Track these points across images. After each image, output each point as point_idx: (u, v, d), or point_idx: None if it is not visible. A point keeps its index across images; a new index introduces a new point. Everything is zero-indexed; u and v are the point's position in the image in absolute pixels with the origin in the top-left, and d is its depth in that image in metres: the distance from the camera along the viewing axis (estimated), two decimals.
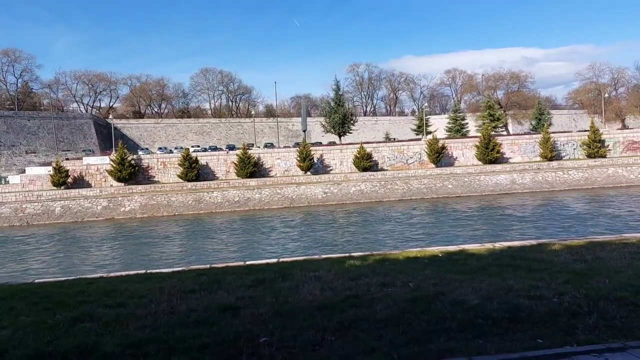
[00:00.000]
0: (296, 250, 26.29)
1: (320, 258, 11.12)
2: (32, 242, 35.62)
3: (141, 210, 47.81)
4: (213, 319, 6.44)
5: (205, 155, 61.11)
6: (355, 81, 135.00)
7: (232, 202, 49.52)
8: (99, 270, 22.89)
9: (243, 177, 56.63)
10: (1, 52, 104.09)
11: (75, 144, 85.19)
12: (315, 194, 50.90)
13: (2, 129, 78.70)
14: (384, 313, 6.41)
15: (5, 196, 50.34)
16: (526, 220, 33.75)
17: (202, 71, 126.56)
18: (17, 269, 26.11)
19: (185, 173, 56.08)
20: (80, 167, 56.72)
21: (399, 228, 32.94)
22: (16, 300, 7.90)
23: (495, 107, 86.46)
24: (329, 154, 61.28)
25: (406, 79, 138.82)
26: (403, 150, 61.38)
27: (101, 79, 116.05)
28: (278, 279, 8.67)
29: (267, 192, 50.98)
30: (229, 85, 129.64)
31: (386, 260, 10.11)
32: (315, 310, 6.65)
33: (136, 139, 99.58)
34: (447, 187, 52.03)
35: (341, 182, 52.97)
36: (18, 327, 6.40)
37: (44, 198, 49.62)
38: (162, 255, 28.21)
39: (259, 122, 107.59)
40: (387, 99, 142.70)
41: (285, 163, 60.15)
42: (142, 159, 58.99)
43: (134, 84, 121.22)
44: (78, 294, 8.18)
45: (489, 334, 5.68)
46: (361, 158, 58.36)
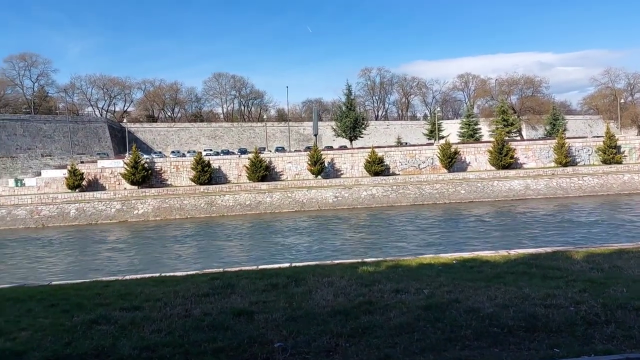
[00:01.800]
0: (308, 255, 26.28)
1: (333, 263, 11.12)
2: (47, 244, 36.06)
3: (154, 213, 48.18)
4: (227, 323, 6.48)
5: (217, 159, 61.45)
6: (366, 85, 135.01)
7: (244, 206, 49.72)
8: (113, 272, 23.10)
9: (254, 180, 56.83)
10: (18, 57, 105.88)
11: (90, 148, 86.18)
12: (326, 198, 50.90)
13: (19, 132, 79.93)
14: (398, 320, 6.39)
15: (22, 198, 51.06)
16: (541, 226, 33.40)
17: (214, 76, 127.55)
18: (33, 271, 26.43)
19: (198, 176, 56.43)
20: (94, 170, 57.36)
21: (411, 233, 32.80)
22: (34, 302, 8.02)
23: (509, 112, 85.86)
24: (340, 158, 61.26)
25: (418, 83, 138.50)
26: (415, 155, 61.16)
27: (116, 83, 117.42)
28: (291, 284, 8.69)
29: (278, 196, 51.10)
30: (241, 90, 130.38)
31: (399, 266, 10.09)
32: (329, 316, 6.66)
33: (149, 143, 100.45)
34: (459, 193, 51.74)
35: (352, 187, 52.93)
36: (36, 329, 6.50)
37: (59, 200, 50.23)
38: (175, 258, 28.39)
39: (270, 126, 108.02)
40: (399, 103, 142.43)
41: (296, 167, 60.24)
42: (155, 163, 59.48)
43: (147, 89, 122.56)
44: (94, 297, 8.27)
45: (505, 343, 5.64)
46: (372, 162, 58.23)
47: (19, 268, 27.56)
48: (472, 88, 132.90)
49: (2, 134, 78.25)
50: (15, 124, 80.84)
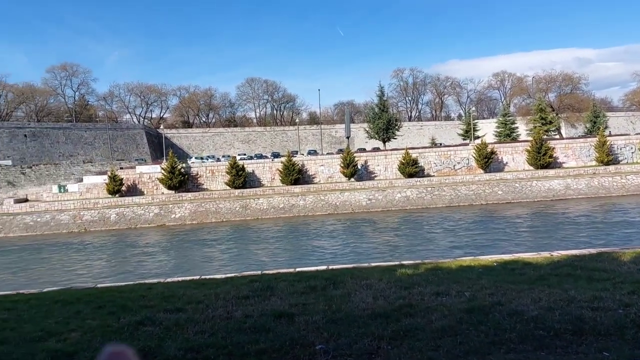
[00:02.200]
0: (343, 258, 26.27)
1: (370, 266, 11.09)
2: (90, 247, 37.23)
3: (190, 217, 49.06)
4: (268, 325, 6.55)
5: (251, 163, 62.16)
6: (399, 86, 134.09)
7: (277, 209, 50.07)
8: (155, 275, 23.66)
9: (287, 184, 57.21)
10: (60, 67, 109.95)
11: (128, 154, 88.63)
12: (360, 200, 50.73)
13: (62, 140, 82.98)
14: (440, 323, 6.32)
15: (65, 204, 52.92)
16: (583, 227, 32.39)
17: (247, 81, 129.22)
18: (78, 274, 27.34)
19: (233, 180, 57.24)
20: (133, 175, 58.93)
21: (448, 235, 32.34)
22: (82, 305, 8.30)
23: (547, 110, 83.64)
24: (373, 160, 61.00)
25: (452, 83, 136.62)
26: (450, 156, 60.32)
27: (152, 90, 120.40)
28: (329, 286, 8.71)
29: (311, 199, 51.24)
30: (274, 94, 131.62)
31: (439, 269, 9.98)
32: (369, 318, 6.65)
33: (185, 148, 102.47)
34: (496, 193, 50.71)
35: (386, 189, 52.58)
36: (85, 330, 6.73)
37: (100, 205, 51.82)
38: (213, 261, 28.83)
39: (302, 130, 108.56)
40: (432, 103, 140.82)
41: (329, 170, 60.32)
42: (191, 167, 60.64)
43: (182, 95, 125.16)
44: (139, 299, 8.50)
45: (551, 346, 5.51)
46: (406, 164, 57.73)
47: (65, 271, 28.52)
48: (508, 86, 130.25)
49: (46, 142, 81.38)
50: (58, 132, 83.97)
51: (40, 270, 29.15)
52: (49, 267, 30.03)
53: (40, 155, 78.27)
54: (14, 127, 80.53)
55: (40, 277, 26.72)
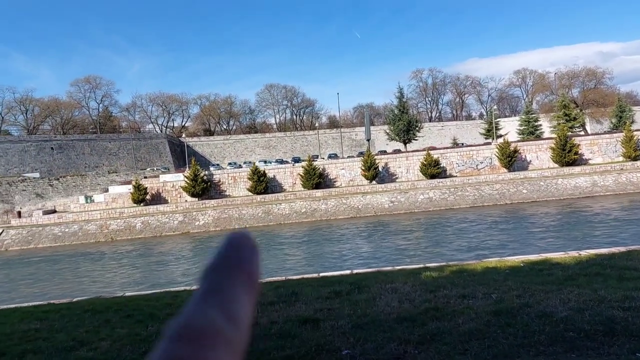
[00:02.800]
0: (367, 261, 26.18)
1: (395, 269, 11.03)
2: (117, 256, 37.87)
3: (214, 223, 49.51)
4: (294, 331, 6.56)
5: (272, 169, 62.50)
6: (419, 87, 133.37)
7: (299, 213, 50.17)
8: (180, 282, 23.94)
9: (309, 188, 57.33)
10: (84, 80, 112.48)
11: (152, 163, 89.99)
12: (382, 203, 50.50)
13: (87, 152, 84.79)
14: (467, 326, 6.26)
15: (92, 214, 54.00)
16: (612, 225, 31.63)
17: (266, 87, 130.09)
18: (106, 282, 27.83)
19: (254, 186, 57.64)
20: (157, 184, 59.80)
21: (473, 236, 31.94)
22: (111, 313, 8.45)
23: (571, 107, 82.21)
24: (394, 162, 60.71)
25: (472, 82, 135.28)
26: (472, 155, 59.67)
27: (173, 100, 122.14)
28: (354, 290, 8.69)
29: (332, 203, 51.21)
30: (293, 100, 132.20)
31: (464, 271, 9.87)
32: (395, 322, 6.61)
33: (207, 156, 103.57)
34: (521, 192, 49.91)
35: (408, 191, 52.23)
36: (115, 339, 6.85)
37: (126, 215, 52.70)
38: None
39: (322, 134, 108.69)
40: (452, 103, 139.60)
41: (350, 173, 60.26)
42: (214, 175, 61.24)
43: (203, 103, 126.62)
44: (166, 307, 8.62)
45: (582, 348, 5.40)
46: (428, 165, 57.32)
47: (93, 281, 29.07)
48: (530, 83, 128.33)
49: (72, 154, 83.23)
50: (84, 143, 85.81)
51: (70, 280, 29.77)
52: (79, 277, 30.64)
53: (67, 167, 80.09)
54: (41, 140, 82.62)
55: (70, 287, 27.27)
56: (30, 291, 27.00)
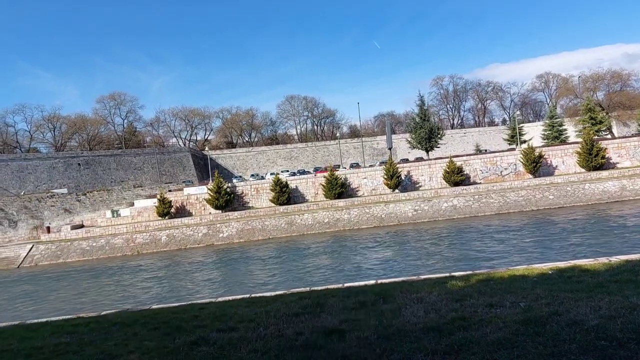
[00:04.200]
0: (392, 271, 25.98)
1: (420, 279, 10.93)
2: (143, 269, 38.38)
3: (238, 235, 49.85)
4: (320, 343, 6.54)
5: (294, 179, 62.74)
6: (439, 94, 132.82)
7: (322, 224, 50.16)
8: (206, 294, 24.16)
9: (331, 198, 57.34)
10: (109, 97, 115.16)
11: (176, 176, 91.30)
12: (405, 212, 50.16)
13: (113, 167, 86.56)
14: (495, 335, 6.15)
15: (118, 228, 54.96)
16: None
17: (287, 98, 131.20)
18: (133, 295, 28.21)
19: (277, 197, 57.94)
20: (181, 197, 60.61)
21: (498, 244, 31.43)
22: (138, 326, 8.56)
23: (596, 110, 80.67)
24: (416, 170, 60.35)
25: (494, 87, 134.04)
26: (496, 162, 58.95)
27: (196, 114, 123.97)
28: (379, 301, 8.64)
29: (355, 212, 51.08)
30: (314, 110, 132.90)
31: (490, 279, 9.72)
32: (422, 333, 6.54)
33: (230, 168, 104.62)
34: (547, 198, 49.01)
35: (432, 199, 51.79)
36: (143, 352, 6.93)
37: (151, 228, 53.47)
38: (262, 278, 29.12)
39: (343, 143, 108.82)
40: (474, 109, 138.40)
41: (372, 182, 60.10)
42: (237, 187, 61.79)
43: (225, 116, 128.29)
44: (192, 319, 8.70)
45: (614, 357, 5.26)
46: (451, 172, 56.83)
47: (121, 293, 29.51)
48: (554, 88, 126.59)
49: (99, 169, 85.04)
50: (109, 159, 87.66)
51: (98, 294, 30.28)
52: (106, 290, 31.14)
53: (94, 182, 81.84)
54: (68, 156, 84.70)
55: (98, 300, 27.75)
56: (59, 305, 27.55)
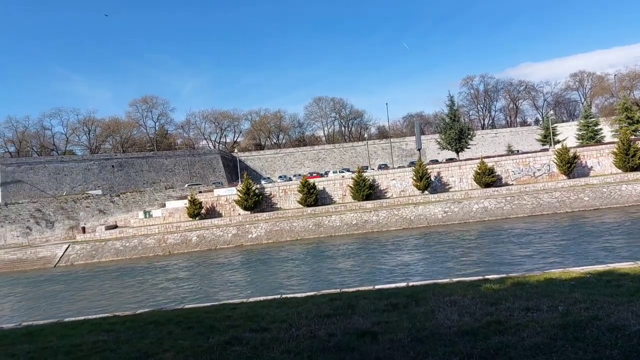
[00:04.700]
0: (423, 273, 25.71)
1: (452, 282, 10.78)
2: (174, 269, 39.02)
3: (266, 236, 50.19)
4: (352, 344, 6.51)
5: (322, 181, 62.78)
6: (470, 94, 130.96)
7: (350, 225, 50.03)
8: (236, 294, 24.39)
9: (359, 199, 57.16)
10: (141, 100, 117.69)
11: (206, 178, 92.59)
12: (435, 213, 49.59)
13: (145, 169, 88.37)
14: (533, 340, 6.01)
15: (150, 229, 56.07)
16: None
17: (315, 100, 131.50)
18: (166, 295, 28.71)
19: (305, 199, 58.11)
20: (211, 198, 61.42)
21: (531, 246, 30.74)
22: (173, 325, 8.70)
23: (633, 109, 78.15)
24: (446, 171, 59.64)
25: (526, 87, 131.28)
26: (529, 163, 57.74)
27: (225, 116, 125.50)
28: (411, 303, 8.55)
29: (384, 214, 50.77)
30: (341, 111, 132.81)
31: (526, 282, 9.51)
32: (456, 336, 6.44)
33: (258, 170, 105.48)
34: (582, 200, 47.70)
35: (462, 200, 51.05)
36: (178, 351, 7.03)
37: (182, 229, 54.37)
38: (291, 279, 29.22)
39: (371, 145, 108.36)
40: (506, 109, 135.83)
41: (401, 183, 59.65)
42: (265, 188, 62.23)
43: (254, 119, 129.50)
44: (225, 319, 8.78)
45: None
46: (482, 173, 55.94)
47: (154, 292, 30.06)
48: (588, 86, 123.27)
49: (131, 171, 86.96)
50: (142, 161, 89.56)
51: (131, 292, 30.91)
52: (139, 289, 31.76)
53: (127, 184, 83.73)
54: (102, 159, 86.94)
55: (133, 299, 28.34)
56: (95, 303, 28.26)
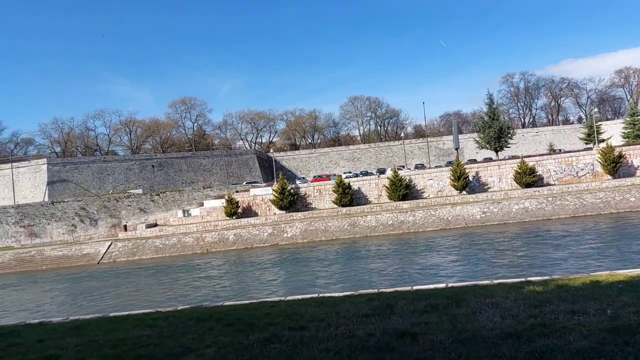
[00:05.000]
0: (462, 274, 25.29)
1: (493, 283, 10.57)
2: (213, 267, 39.71)
3: (301, 235, 50.41)
4: (392, 345, 6.47)
5: (357, 181, 62.62)
6: (510, 92, 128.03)
7: (386, 226, 49.68)
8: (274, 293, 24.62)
9: (395, 200, 56.69)
10: (180, 101, 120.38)
11: (242, 178, 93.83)
12: (473, 214, 48.67)
13: (184, 168, 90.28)
14: (580, 344, 5.82)
15: (189, 227, 57.28)
16: None
17: (350, 99, 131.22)
18: (205, 292, 29.24)
19: (340, 199, 58.07)
20: (247, 198, 62.21)
21: (576, 248, 29.78)
22: (213, 322, 8.86)
23: None
24: (485, 170, 58.48)
25: (569, 84, 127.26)
26: (572, 162, 55.98)
27: (261, 117, 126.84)
28: (451, 305, 8.43)
29: (420, 214, 50.18)
30: (377, 110, 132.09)
31: (570, 285, 9.23)
32: (499, 339, 6.31)
33: (293, 169, 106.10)
34: (628, 200, 45.86)
35: (501, 200, 49.93)
36: (219, 347, 7.16)
37: (220, 227, 55.29)
38: (328, 278, 29.26)
39: (408, 144, 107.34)
40: (547, 107, 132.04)
41: (438, 183, 58.85)
42: (300, 188, 62.54)
43: (289, 119, 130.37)
44: (264, 317, 8.89)
45: None
46: (523, 173, 54.59)
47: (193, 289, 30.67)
48: (634, 83, 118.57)
49: (171, 171, 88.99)
50: (181, 161, 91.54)
51: (173, 288, 31.62)
52: (180, 286, 32.47)
53: (166, 183, 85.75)
54: (143, 158, 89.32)
55: (172, 295, 28.98)
56: (139, 298, 29.06)
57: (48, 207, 66.63)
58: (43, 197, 75.17)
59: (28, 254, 55.15)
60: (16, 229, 64.79)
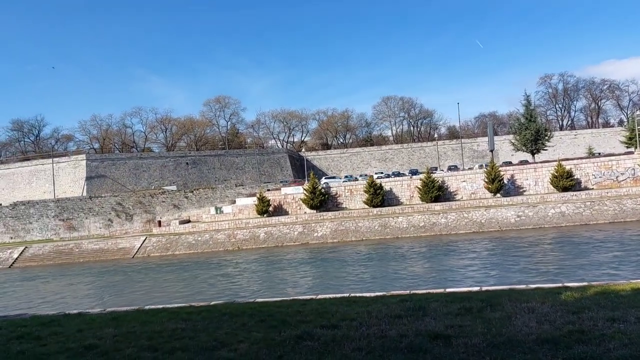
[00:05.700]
0: (495, 278, 24.84)
1: (529, 288, 10.36)
2: (244, 264, 40.17)
3: (332, 235, 50.44)
4: (425, 347, 6.43)
5: (388, 181, 62.23)
6: (547, 94, 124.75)
7: (417, 227, 49.20)
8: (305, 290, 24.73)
9: (427, 201, 56.09)
10: (214, 100, 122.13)
11: (274, 176, 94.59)
12: (507, 217, 47.71)
13: (217, 166, 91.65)
14: (620, 352, 5.66)
15: (221, 224, 58.09)
16: None
17: (383, 100, 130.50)
18: (236, 288, 29.61)
19: (371, 199, 57.84)
20: (279, 196, 62.65)
21: (616, 254, 28.83)
22: (246, 318, 8.99)
23: None
24: (520, 173, 57.24)
25: (610, 85, 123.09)
26: (612, 166, 54.21)
27: (294, 116, 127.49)
28: (486, 308, 8.31)
29: (453, 217, 49.50)
30: (410, 111, 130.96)
31: (610, 292, 8.97)
32: (535, 344, 6.19)
33: (324, 169, 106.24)
34: None
35: (537, 204, 48.77)
36: (252, 342, 7.26)
37: (251, 225, 55.87)
38: (358, 278, 29.19)
39: (441, 145, 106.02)
40: (587, 110, 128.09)
41: (472, 185, 57.94)
42: (331, 187, 62.58)
43: (321, 118, 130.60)
44: (296, 314, 8.95)
45: None
46: (560, 177, 53.19)
47: (225, 285, 31.10)
48: None
49: (204, 168, 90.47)
50: (214, 159, 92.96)
51: (207, 284, 32.14)
52: (213, 281, 32.95)
53: (200, 180, 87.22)
54: (177, 156, 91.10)
55: (207, 290, 29.45)
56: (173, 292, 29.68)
57: (86, 201, 68.73)
58: (82, 191, 77.63)
59: (67, 247, 57.01)
60: (56, 222, 67.10)
